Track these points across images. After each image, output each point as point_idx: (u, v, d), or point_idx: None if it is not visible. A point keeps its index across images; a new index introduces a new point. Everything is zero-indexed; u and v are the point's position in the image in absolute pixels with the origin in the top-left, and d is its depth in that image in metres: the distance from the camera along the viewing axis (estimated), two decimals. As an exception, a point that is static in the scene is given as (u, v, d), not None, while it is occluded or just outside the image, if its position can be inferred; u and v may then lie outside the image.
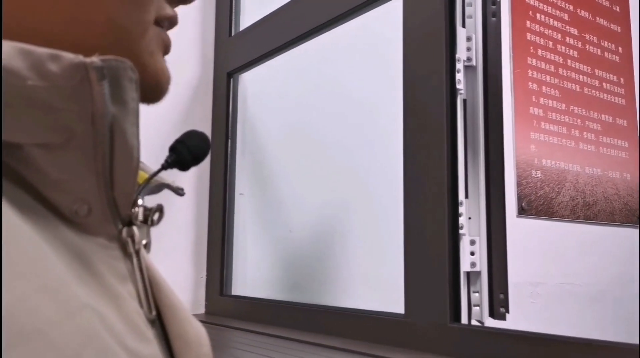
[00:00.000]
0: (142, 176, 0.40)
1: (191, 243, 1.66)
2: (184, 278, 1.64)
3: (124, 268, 0.35)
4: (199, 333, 0.41)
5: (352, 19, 1.27)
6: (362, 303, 1.27)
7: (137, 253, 0.37)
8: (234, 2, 1.70)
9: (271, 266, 1.57)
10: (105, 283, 0.33)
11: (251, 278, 1.62)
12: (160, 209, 0.39)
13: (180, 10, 0.41)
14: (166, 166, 0.41)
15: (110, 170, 0.33)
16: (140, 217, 0.38)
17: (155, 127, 1.51)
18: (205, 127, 1.70)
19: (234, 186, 1.65)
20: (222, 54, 1.69)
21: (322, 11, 1.31)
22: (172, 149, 0.41)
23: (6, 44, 0.28)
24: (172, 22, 0.40)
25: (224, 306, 1.57)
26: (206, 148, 0.43)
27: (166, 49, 0.40)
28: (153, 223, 0.39)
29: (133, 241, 0.37)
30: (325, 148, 1.48)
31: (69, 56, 0.30)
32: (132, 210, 0.37)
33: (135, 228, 0.37)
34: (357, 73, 1.41)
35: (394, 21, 1.15)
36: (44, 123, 0.30)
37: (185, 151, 0.41)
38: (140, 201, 0.38)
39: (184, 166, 0.42)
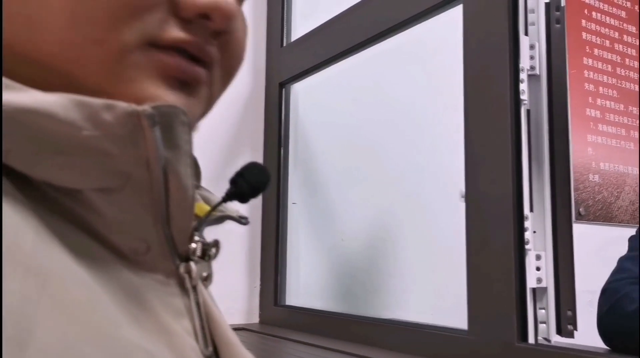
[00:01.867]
0: (203, 208, 0.40)
1: (245, 252, 1.67)
2: (238, 287, 1.65)
3: (181, 304, 0.36)
4: None
5: (407, 28, 1.25)
6: (414, 314, 1.25)
7: (195, 288, 0.37)
8: (285, 12, 1.70)
9: (324, 275, 1.57)
10: (159, 320, 0.33)
11: (304, 287, 1.61)
12: (216, 244, 0.39)
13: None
14: (226, 198, 0.41)
15: (167, 209, 0.34)
16: (199, 252, 0.38)
17: (207, 138, 1.52)
18: (257, 137, 1.71)
19: (287, 195, 1.66)
20: (274, 64, 1.70)
21: (377, 21, 1.30)
22: (233, 182, 0.41)
23: (62, 96, 0.30)
24: (185, 45, 0.35)
25: (278, 316, 1.57)
26: (266, 181, 0.42)
27: (177, 74, 0.35)
28: (210, 258, 0.39)
29: (190, 276, 0.37)
30: (378, 156, 1.47)
31: (122, 105, 0.31)
32: (190, 246, 0.37)
33: (192, 264, 0.37)
34: (411, 82, 1.39)
35: (451, 30, 1.13)
36: (101, 169, 0.31)
37: (244, 185, 0.41)
38: (196, 237, 0.38)
39: (243, 199, 0.41)
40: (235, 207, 0.43)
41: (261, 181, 0.42)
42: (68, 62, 0.33)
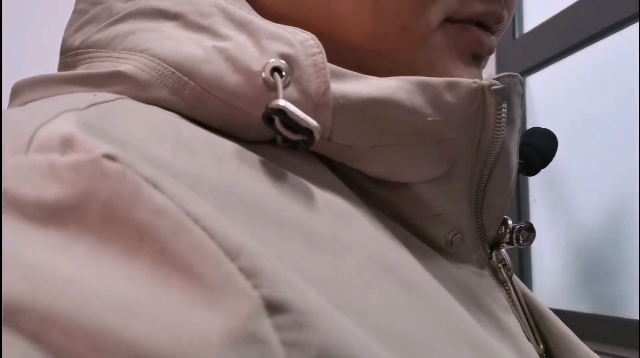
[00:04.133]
0: None
1: (484, 252, 1.65)
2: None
3: (503, 298, 0.32)
4: None
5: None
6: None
7: (510, 278, 0.33)
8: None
9: (569, 274, 1.48)
10: (496, 317, 0.29)
11: (550, 288, 1.54)
12: (530, 228, 0.34)
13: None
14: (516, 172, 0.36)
15: (483, 194, 0.30)
16: (507, 238, 0.33)
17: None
18: (491, 134, 1.68)
19: (527, 192, 1.60)
20: (505, 57, 1.65)
21: (619, 7, 1.19)
22: (520, 153, 0.34)
23: (401, 80, 0.26)
24: (482, 18, 0.30)
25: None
26: (555, 146, 0.36)
27: (475, 49, 0.31)
28: (520, 244, 0.34)
29: (506, 266, 0.33)
30: (622, 147, 1.34)
31: (465, 82, 0.27)
32: (499, 232, 0.33)
33: (504, 252, 0.33)
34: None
35: None
36: (434, 157, 0.28)
37: (534, 155, 0.35)
38: (510, 222, 0.34)
39: (532, 171, 0.35)
40: None
41: (552, 147, 0.35)
42: (371, 55, 0.29)
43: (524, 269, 1.56)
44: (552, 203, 1.57)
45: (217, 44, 0.24)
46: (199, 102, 0.24)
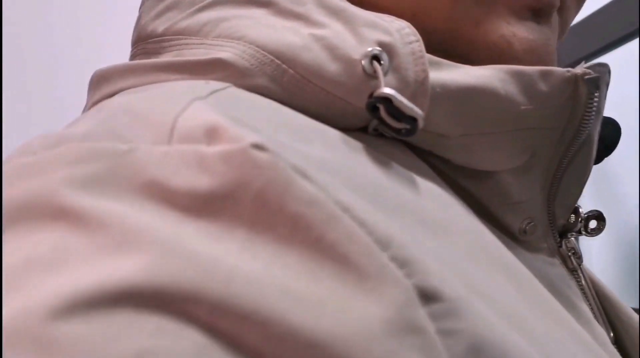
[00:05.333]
0: None
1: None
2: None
3: (575, 286, 0.31)
4: None
5: None
6: None
7: (580, 266, 0.33)
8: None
9: (618, 271, 1.45)
10: (573, 305, 0.29)
11: (599, 285, 1.51)
12: (599, 216, 0.34)
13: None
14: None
15: (559, 183, 0.30)
16: (577, 226, 0.33)
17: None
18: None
19: (573, 188, 1.57)
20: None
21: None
22: None
23: (495, 69, 0.26)
24: None
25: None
26: (619, 135, 0.35)
27: (532, 2, 0.29)
28: (589, 233, 0.33)
29: (576, 254, 0.32)
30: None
31: (559, 72, 0.27)
32: (569, 220, 0.33)
33: (574, 240, 0.33)
34: None
35: None
36: (519, 146, 0.28)
37: (598, 143, 0.33)
38: (581, 210, 0.33)
39: (597, 160, 0.34)
40: None
41: (614, 135, 0.34)
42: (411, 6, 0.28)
43: (572, 266, 1.53)
44: (599, 199, 1.54)
45: (314, 32, 0.24)
46: (297, 90, 0.24)
